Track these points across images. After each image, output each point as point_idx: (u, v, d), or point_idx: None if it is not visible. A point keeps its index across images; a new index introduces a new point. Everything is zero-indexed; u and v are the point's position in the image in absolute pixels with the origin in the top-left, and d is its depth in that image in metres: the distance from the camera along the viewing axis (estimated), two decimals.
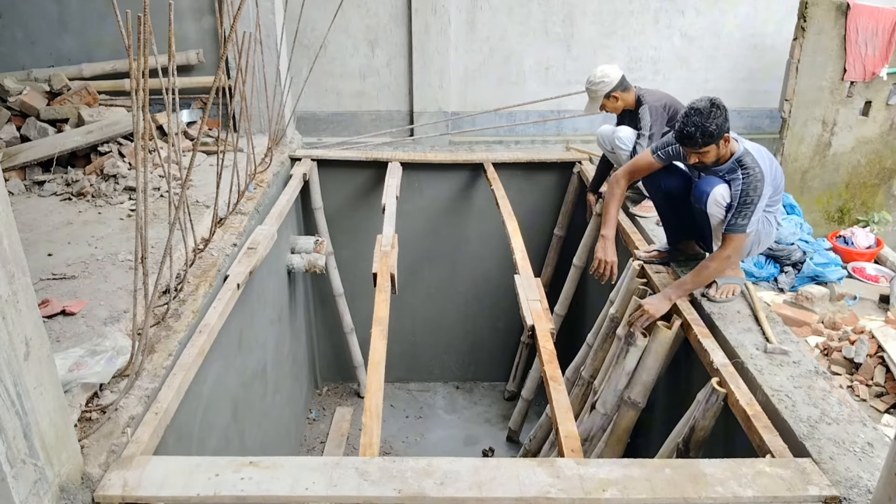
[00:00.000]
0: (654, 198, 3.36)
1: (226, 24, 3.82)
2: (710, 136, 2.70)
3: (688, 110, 2.74)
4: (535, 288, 3.21)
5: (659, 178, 3.19)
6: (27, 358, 1.65)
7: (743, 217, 2.73)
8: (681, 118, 2.76)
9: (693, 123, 2.70)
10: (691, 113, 2.71)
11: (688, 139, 2.74)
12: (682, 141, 2.79)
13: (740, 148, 2.82)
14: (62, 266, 3.03)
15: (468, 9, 5.31)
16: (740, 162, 2.79)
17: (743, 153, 2.80)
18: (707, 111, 2.68)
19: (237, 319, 3.30)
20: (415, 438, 5.23)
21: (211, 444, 2.94)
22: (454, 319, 5.71)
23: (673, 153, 3.06)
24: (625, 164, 3.35)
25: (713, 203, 2.83)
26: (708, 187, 2.85)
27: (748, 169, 2.75)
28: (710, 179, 2.88)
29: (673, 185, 3.15)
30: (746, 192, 2.73)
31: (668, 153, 3.08)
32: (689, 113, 2.73)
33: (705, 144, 2.73)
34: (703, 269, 2.88)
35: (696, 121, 2.69)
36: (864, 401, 3.18)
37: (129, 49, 2.02)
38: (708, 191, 2.84)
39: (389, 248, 3.63)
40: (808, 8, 4.60)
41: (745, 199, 2.72)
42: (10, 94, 4.32)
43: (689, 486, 1.95)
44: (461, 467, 2.00)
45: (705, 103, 2.70)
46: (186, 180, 2.60)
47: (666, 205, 3.25)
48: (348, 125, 5.60)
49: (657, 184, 3.21)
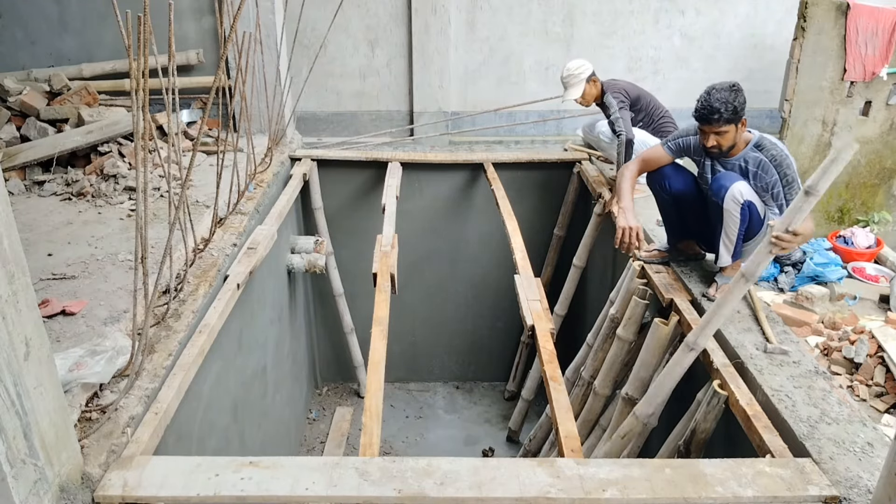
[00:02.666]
0: (658, 197, 3.36)
1: (226, 24, 3.82)
2: (733, 112, 2.75)
3: (709, 89, 2.79)
4: (535, 288, 3.21)
5: (665, 177, 3.19)
6: (27, 358, 1.65)
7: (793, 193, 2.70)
8: (702, 96, 2.81)
9: (718, 99, 2.74)
10: (714, 90, 2.77)
11: (711, 114, 2.76)
12: (704, 118, 2.81)
13: (756, 135, 2.85)
14: (62, 266, 3.03)
15: (468, 9, 5.31)
16: (759, 146, 2.82)
17: (759, 138, 2.83)
18: (730, 89, 2.74)
19: (237, 319, 3.30)
20: (415, 438, 5.23)
21: (211, 444, 2.94)
22: (454, 319, 5.71)
23: (683, 145, 3.08)
24: (635, 157, 3.36)
25: (731, 199, 2.80)
26: (728, 182, 2.82)
27: (774, 147, 2.79)
28: (729, 175, 2.87)
29: (679, 186, 3.15)
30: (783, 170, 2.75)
31: (678, 145, 3.10)
32: (710, 91, 2.78)
33: (727, 122, 2.77)
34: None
35: (721, 96, 2.74)
36: (864, 401, 3.18)
37: (129, 49, 2.02)
38: (727, 185, 2.81)
39: (389, 249, 3.63)
40: (808, 8, 4.60)
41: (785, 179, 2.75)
42: (10, 94, 4.32)
43: (689, 486, 1.95)
44: (461, 467, 2.00)
45: (727, 83, 2.77)
46: (186, 180, 2.60)
47: (670, 205, 3.24)
48: (348, 125, 5.60)
49: (663, 183, 3.20)
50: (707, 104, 2.76)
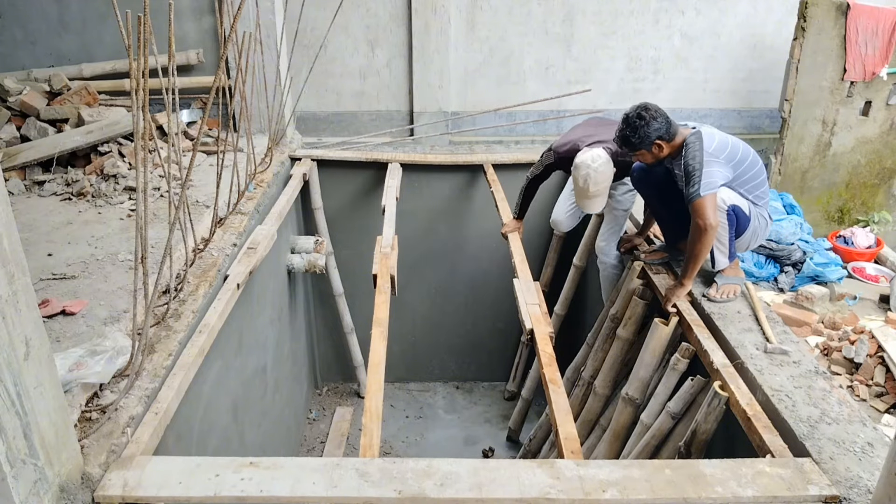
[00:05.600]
0: (644, 195, 3.36)
1: (226, 24, 3.83)
2: (632, 146, 2.95)
3: (621, 119, 2.97)
4: (534, 292, 3.21)
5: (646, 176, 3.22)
6: (27, 358, 1.65)
7: (692, 185, 2.80)
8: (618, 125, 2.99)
9: (619, 134, 2.97)
10: (621, 123, 2.96)
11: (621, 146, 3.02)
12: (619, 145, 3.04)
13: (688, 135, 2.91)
14: (62, 266, 3.02)
15: (468, 9, 5.31)
16: (685, 144, 2.90)
17: (688, 137, 2.90)
18: (631, 122, 2.90)
19: (237, 319, 3.30)
20: (415, 438, 5.23)
21: (211, 444, 2.94)
22: (454, 319, 5.71)
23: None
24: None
25: None
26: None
27: (687, 146, 2.87)
28: None
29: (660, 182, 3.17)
30: (687, 163, 2.83)
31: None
32: (621, 122, 2.97)
33: (634, 150, 2.97)
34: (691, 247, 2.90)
35: (622, 132, 2.95)
36: (864, 401, 3.18)
37: (129, 49, 2.02)
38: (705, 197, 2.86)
39: (389, 250, 3.63)
40: (808, 8, 4.60)
41: (689, 170, 2.83)
42: (10, 94, 4.32)
43: (689, 487, 1.95)
44: (461, 468, 2.00)
45: (632, 113, 2.91)
46: (186, 180, 2.60)
47: (657, 201, 3.25)
48: (348, 125, 5.60)
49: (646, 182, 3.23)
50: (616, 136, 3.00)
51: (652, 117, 2.86)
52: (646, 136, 2.88)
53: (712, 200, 2.79)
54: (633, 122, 2.88)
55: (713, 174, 2.78)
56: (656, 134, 2.87)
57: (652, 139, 2.88)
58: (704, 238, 2.82)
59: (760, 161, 2.99)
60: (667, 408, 2.75)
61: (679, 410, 2.70)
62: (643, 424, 2.93)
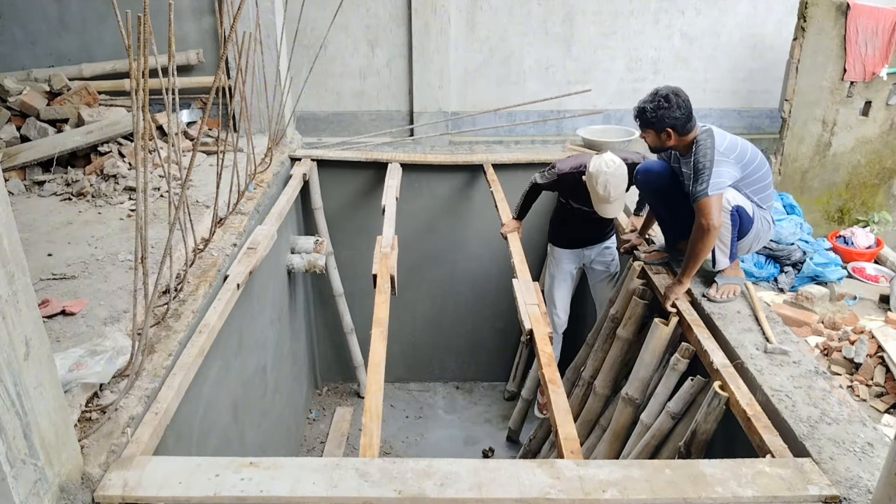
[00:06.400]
0: (647, 197, 3.36)
1: (226, 24, 3.83)
2: (644, 122, 2.93)
3: (651, 91, 2.95)
4: (534, 292, 3.21)
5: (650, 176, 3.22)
6: (27, 358, 1.65)
7: (700, 183, 2.79)
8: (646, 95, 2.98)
9: (640, 104, 2.94)
10: (649, 95, 2.93)
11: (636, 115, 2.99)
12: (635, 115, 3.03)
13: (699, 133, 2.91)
14: (62, 266, 3.02)
15: (468, 9, 5.31)
16: (696, 141, 2.89)
17: (699, 134, 2.90)
18: (657, 99, 2.88)
19: (237, 319, 3.30)
20: (415, 438, 5.23)
21: (211, 444, 2.94)
22: (454, 319, 5.71)
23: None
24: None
25: None
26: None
27: (699, 143, 2.86)
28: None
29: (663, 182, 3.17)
30: (698, 160, 2.83)
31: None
32: (648, 94, 2.95)
33: (644, 126, 2.96)
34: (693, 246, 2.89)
35: (642, 103, 2.93)
36: (864, 401, 3.18)
37: (129, 49, 2.02)
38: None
39: (389, 250, 3.63)
40: (808, 8, 4.60)
41: (698, 167, 2.81)
42: (10, 94, 4.32)
43: (689, 487, 1.95)
44: (461, 468, 2.00)
45: (663, 91, 2.88)
46: (186, 180, 2.60)
47: (660, 202, 3.26)
48: (348, 125, 5.60)
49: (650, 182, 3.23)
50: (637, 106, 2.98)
51: (677, 105, 2.84)
52: (662, 119, 2.86)
53: (718, 201, 2.78)
54: (658, 100, 2.86)
55: (722, 174, 2.78)
56: (671, 122, 2.86)
57: (665, 124, 2.87)
58: (707, 238, 2.81)
59: (767, 164, 2.99)
60: (667, 408, 2.75)
61: (679, 410, 2.70)
62: (643, 424, 2.93)
